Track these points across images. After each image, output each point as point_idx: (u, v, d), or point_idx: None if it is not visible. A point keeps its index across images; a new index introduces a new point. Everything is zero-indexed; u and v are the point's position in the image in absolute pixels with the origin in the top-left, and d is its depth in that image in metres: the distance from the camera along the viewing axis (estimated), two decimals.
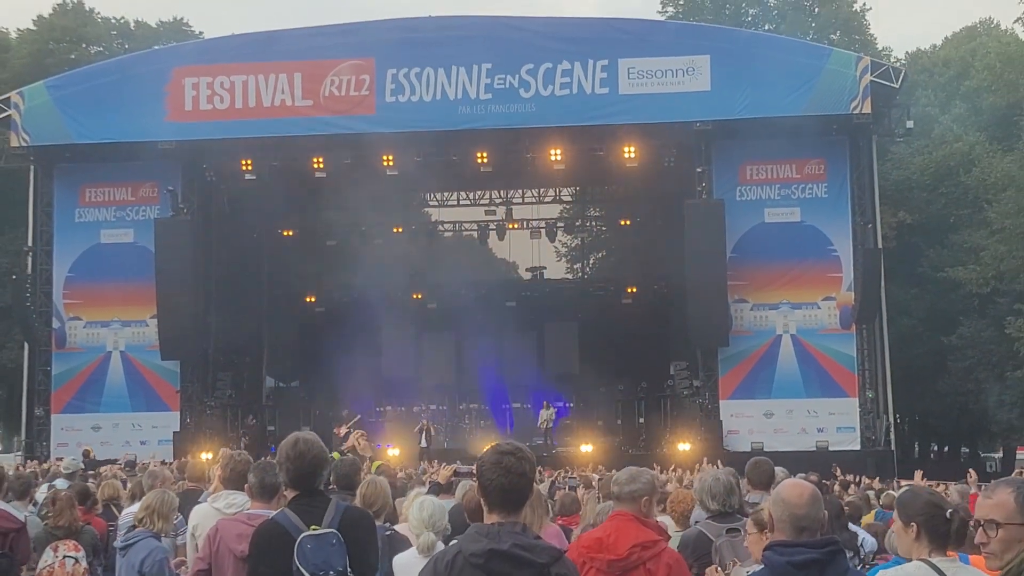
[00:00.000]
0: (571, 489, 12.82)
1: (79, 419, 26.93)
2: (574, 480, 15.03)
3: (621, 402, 33.21)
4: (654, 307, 33.26)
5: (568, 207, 37.53)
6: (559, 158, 26.98)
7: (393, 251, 33.30)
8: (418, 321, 34.41)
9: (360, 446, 12.73)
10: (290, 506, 4.66)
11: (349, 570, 4.50)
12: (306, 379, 34.23)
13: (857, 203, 26.17)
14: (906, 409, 37.48)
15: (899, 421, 35.13)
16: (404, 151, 26.69)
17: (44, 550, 7.79)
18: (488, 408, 33.73)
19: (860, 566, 9.20)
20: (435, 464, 19.24)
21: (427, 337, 34.83)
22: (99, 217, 27.88)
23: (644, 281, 35.13)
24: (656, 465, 19.33)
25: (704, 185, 25.88)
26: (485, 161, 27.32)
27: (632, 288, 35.24)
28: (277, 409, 32.66)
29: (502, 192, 34.08)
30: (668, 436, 27.80)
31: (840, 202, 26.39)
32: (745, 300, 26.42)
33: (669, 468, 18.33)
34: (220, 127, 26.50)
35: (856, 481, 16.95)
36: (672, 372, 29.75)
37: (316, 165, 27.31)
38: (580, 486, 13.07)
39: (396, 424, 30.99)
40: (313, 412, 32.16)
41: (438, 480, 9.48)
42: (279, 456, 4.74)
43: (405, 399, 32.95)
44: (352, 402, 29.81)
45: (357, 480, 7.04)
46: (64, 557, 7.79)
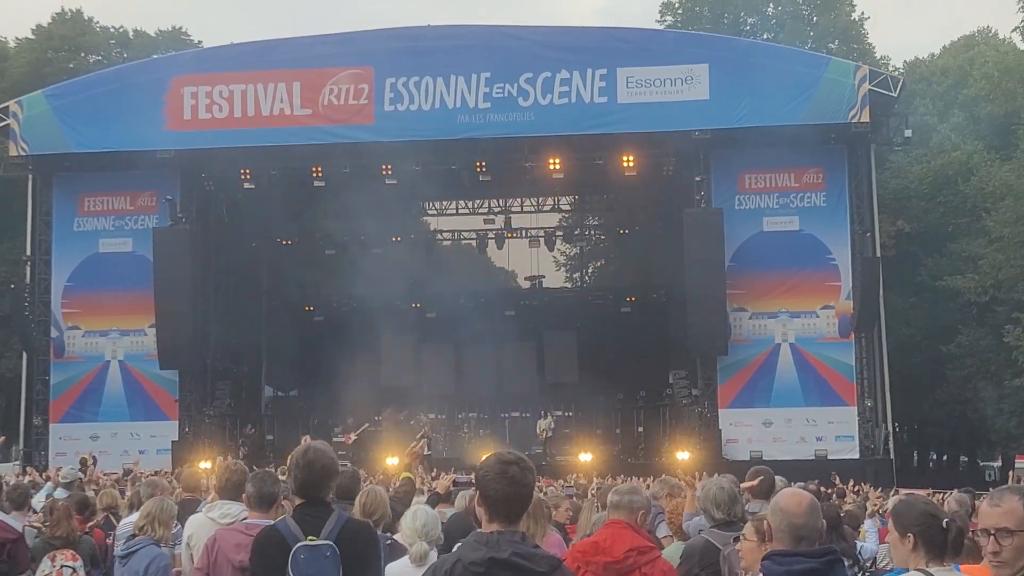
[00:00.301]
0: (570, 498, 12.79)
1: (77, 428, 26.87)
2: (571, 488, 15.01)
3: (620, 411, 33.19)
4: (653, 316, 33.19)
5: (567, 216, 37.48)
6: (558, 167, 26.98)
7: (392, 260, 33.18)
8: (417, 330, 34.27)
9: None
10: (294, 514, 4.66)
11: None
12: (305, 388, 34.12)
13: (856, 212, 26.20)
14: (905, 418, 37.43)
15: (898, 430, 35.09)
16: (403, 160, 26.63)
17: (42, 560, 7.77)
18: (486, 417, 33.66)
19: (859, 574, 9.20)
20: (430, 473, 19.11)
21: (426, 346, 34.75)
22: (98, 226, 27.87)
23: (643, 290, 35.09)
24: (656, 475, 19.26)
25: (703, 194, 25.93)
26: (484, 170, 27.32)
27: (631, 297, 35.13)
28: (276, 418, 32.64)
29: (501, 201, 34.05)
30: (667, 445, 27.78)
31: (839, 211, 26.42)
32: (744, 309, 26.42)
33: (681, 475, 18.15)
34: (219, 136, 26.55)
35: (855, 490, 16.93)
36: (671, 381, 29.73)
37: (315, 174, 27.32)
38: (576, 495, 13.05)
39: (395, 433, 30.87)
40: (312, 421, 32.05)
41: (437, 490, 9.47)
42: (289, 463, 4.74)
43: (404, 408, 32.84)
44: (351, 412, 29.75)
45: (357, 490, 7.03)
46: (62, 567, 7.77)
